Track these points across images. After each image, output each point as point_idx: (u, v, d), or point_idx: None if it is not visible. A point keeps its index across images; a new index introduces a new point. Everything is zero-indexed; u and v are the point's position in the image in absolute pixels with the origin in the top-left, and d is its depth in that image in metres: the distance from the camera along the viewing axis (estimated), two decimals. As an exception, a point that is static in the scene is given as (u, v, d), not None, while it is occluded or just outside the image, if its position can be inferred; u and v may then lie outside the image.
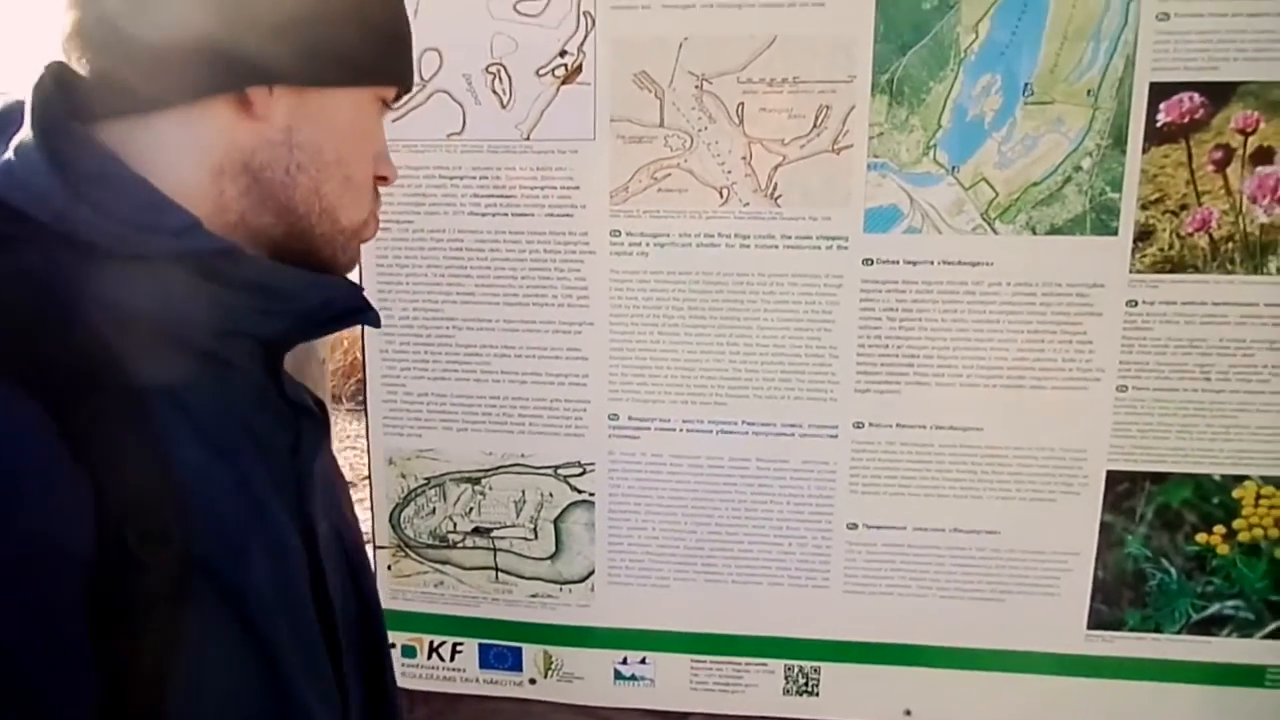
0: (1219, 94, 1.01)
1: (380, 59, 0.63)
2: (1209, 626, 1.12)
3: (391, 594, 1.24)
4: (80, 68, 0.56)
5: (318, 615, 0.62)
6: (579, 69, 1.08)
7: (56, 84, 0.55)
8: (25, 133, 0.53)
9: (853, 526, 1.15)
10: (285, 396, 0.64)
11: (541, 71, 1.09)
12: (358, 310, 0.67)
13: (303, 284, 0.62)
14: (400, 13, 0.66)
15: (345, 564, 0.70)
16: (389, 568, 1.24)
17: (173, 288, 0.54)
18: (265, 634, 0.55)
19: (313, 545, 0.62)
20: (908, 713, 1.19)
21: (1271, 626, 1.12)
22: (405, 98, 1.03)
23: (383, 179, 0.68)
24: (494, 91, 1.10)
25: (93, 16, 0.55)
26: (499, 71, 1.09)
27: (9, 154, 0.53)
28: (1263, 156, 1.02)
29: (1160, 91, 1.02)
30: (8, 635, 0.45)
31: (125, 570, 0.48)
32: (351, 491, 0.83)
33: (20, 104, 0.55)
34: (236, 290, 0.57)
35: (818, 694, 1.20)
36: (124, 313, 0.53)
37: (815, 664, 1.19)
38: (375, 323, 0.68)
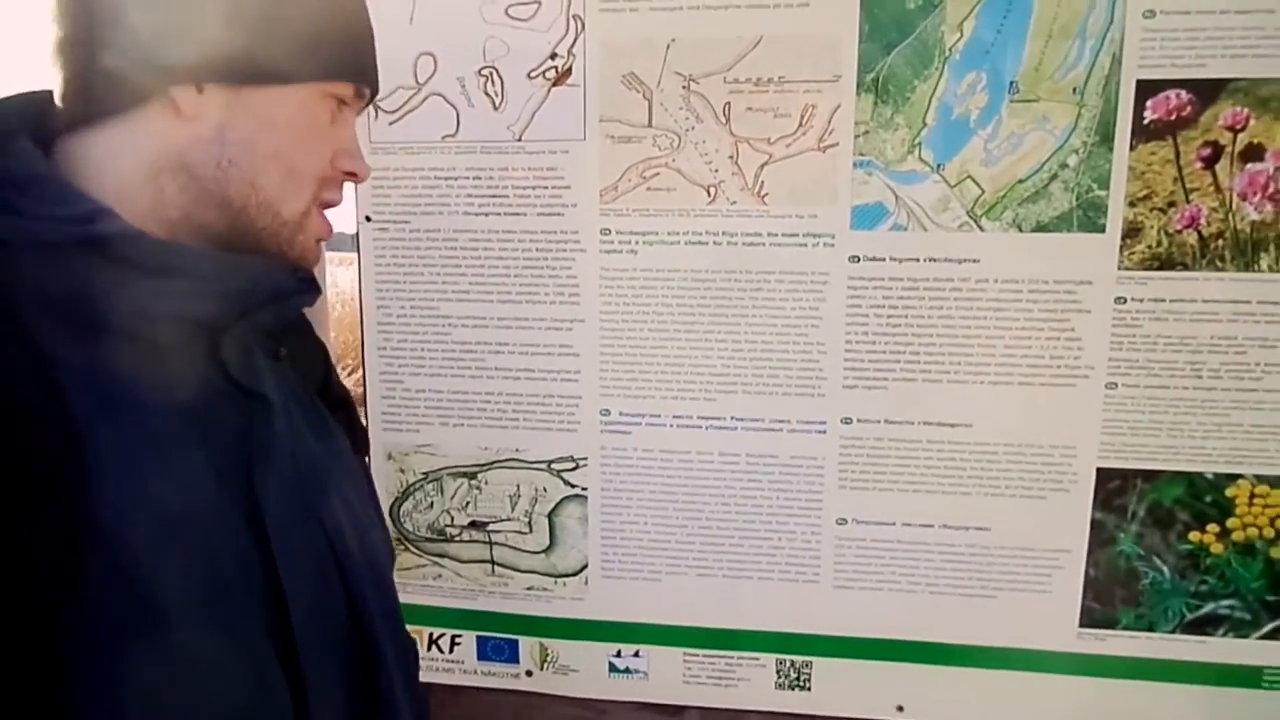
0: (1207, 91, 1.01)
1: (317, 57, 0.64)
2: (1204, 626, 1.12)
3: (392, 586, 1.26)
4: (55, 88, 0.61)
5: (270, 603, 0.61)
6: (569, 71, 1.10)
7: (11, 106, 0.61)
8: None
9: (842, 522, 1.15)
10: (232, 380, 0.65)
11: (532, 74, 1.11)
12: (295, 291, 0.68)
13: (216, 266, 0.63)
14: (346, 11, 0.68)
15: (331, 555, 0.69)
16: (389, 560, 1.27)
17: (86, 273, 0.57)
18: (163, 607, 0.55)
19: (261, 530, 0.62)
20: (900, 708, 1.19)
21: (1268, 627, 1.10)
22: (383, 99, 1.06)
23: (351, 175, 0.70)
24: (486, 94, 1.12)
25: (52, 40, 0.60)
26: (491, 74, 1.12)
27: None
28: (1252, 153, 1.01)
29: (1147, 89, 1.01)
30: None
31: (13, 543, 0.50)
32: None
33: None
34: (147, 273, 0.59)
35: (810, 688, 1.21)
36: (39, 296, 0.55)
37: (806, 658, 1.20)
38: (311, 301, 0.70)
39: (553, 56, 1.10)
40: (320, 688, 0.64)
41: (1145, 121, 1.02)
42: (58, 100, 0.61)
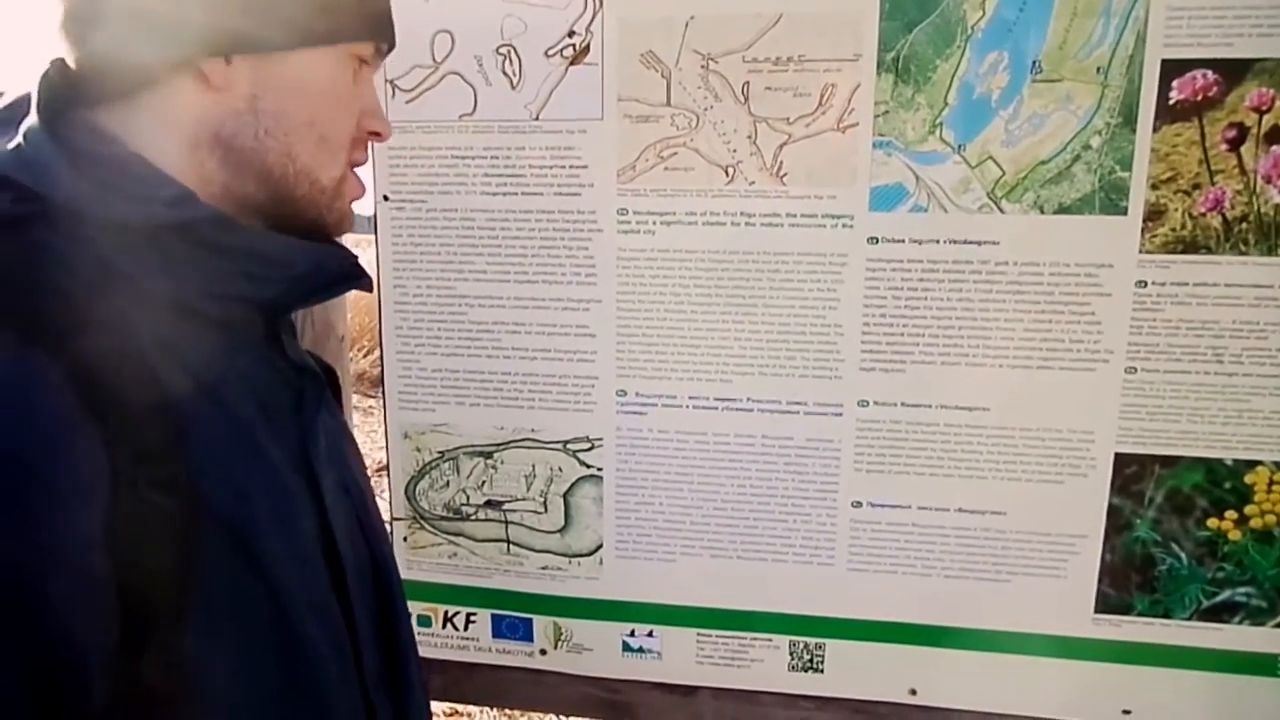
0: (1233, 71, 0.99)
1: (340, 17, 0.65)
2: (1220, 613, 1.11)
3: (407, 565, 1.27)
4: (70, 60, 0.60)
5: (325, 559, 0.66)
6: (587, 49, 1.09)
7: (60, 75, 0.60)
8: (32, 120, 0.58)
9: (857, 505, 1.15)
10: (287, 358, 0.69)
11: (550, 52, 1.11)
12: (350, 276, 0.70)
13: (291, 250, 0.65)
14: None
15: (356, 521, 0.73)
16: (405, 539, 1.28)
17: (170, 254, 0.59)
18: (269, 570, 0.59)
19: (317, 494, 0.66)
20: (913, 691, 1.19)
21: (1285, 614, 1.10)
22: (400, 77, 1.06)
23: (375, 134, 0.70)
24: (504, 73, 1.12)
25: (68, 10, 0.60)
26: (509, 53, 1.11)
27: (19, 139, 0.58)
28: (1278, 135, 1.00)
29: (1172, 69, 1.00)
30: (34, 574, 0.48)
31: (140, 513, 0.52)
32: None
33: (28, 97, 0.60)
34: (227, 256, 0.61)
35: (823, 670, 1.21)
36: (128, 278, 0.57)
37: (820, 641, 1.20)
38: (368, 288, 0.73)
39: (571, 35, 1.10)
40: (366, 642, 0.69)
41: (1170, 102, 1.01)
42: (78, 69, 0.61)
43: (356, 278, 0.71)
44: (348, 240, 0.83)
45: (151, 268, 0.58)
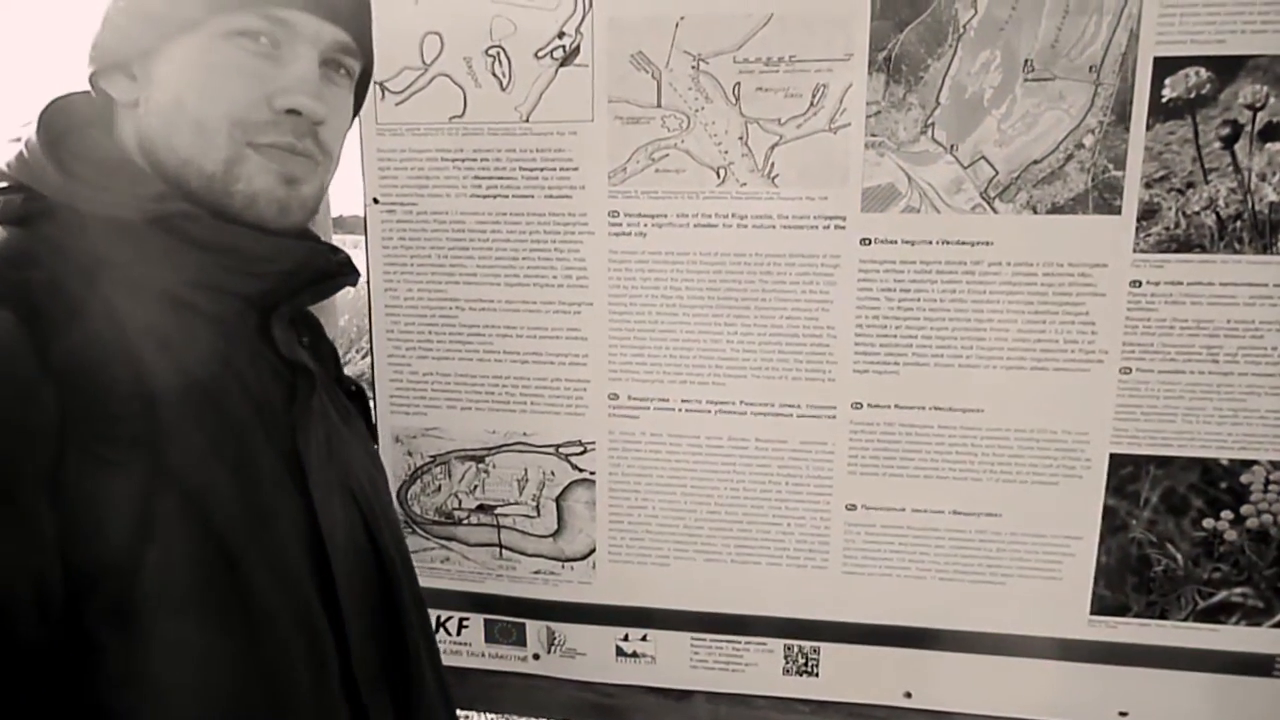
0: (1226, 68, 0.99)
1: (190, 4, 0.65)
2: (1216, 614, 1.10)
3: (399, 569, 1.26)
4: None
5: (310, 551, 0.66)
6: (577, 50, 1.09)
7: (79, 99, 0.68)
8: (29, 132, 0.64)
9: (851, 507, 1.15)
10: (279, 354, 0.70)
11: (540, 54, 1.10)
12: (338, 273, 0.72)
13: (267, 247, 0.67)
14: None
15: (361, 520, 0.74)
16: (397, 543, 1.27)
17: (158, 247, 0.62)
18: (229, 540, 0.60)
19: (305, 488, 0.67)
20: (908, 694, 1.18)
21: (1282, 615, 1.09)
22: (389, 79, 1.06)
23: (293, 112, 0.66)
24: (494, 74, 1.11)
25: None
26: (498, 54, 1.10)
27: (21, 148, 0.63)
28: (1272, 132, 0.99)
29: (1165, 66, 1.00)
30: None
31: (92, 468, 0.54)
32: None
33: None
34: (209, 251, 0.64)
35: (817, 674, 1.20)
36: (114, 265, 0.61)
37: (815, 644, 1.19)
38: (354, 282, 0.74)
39: (560, 36, 1.09)
40: (358, 630, 0.70)
41: (1163, 100, 1.00)
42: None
43: (345, 274, 0.73)
44: (350, 242, 0.84)
45: (140, 258, 0.62)
